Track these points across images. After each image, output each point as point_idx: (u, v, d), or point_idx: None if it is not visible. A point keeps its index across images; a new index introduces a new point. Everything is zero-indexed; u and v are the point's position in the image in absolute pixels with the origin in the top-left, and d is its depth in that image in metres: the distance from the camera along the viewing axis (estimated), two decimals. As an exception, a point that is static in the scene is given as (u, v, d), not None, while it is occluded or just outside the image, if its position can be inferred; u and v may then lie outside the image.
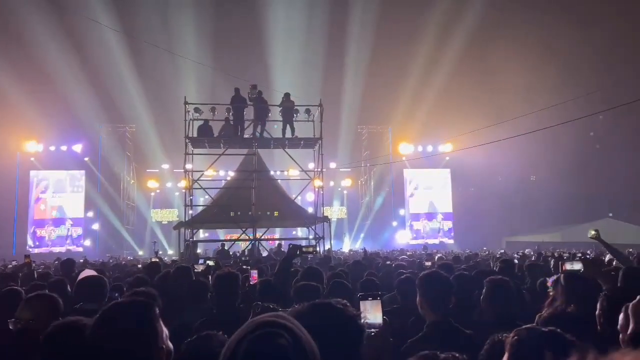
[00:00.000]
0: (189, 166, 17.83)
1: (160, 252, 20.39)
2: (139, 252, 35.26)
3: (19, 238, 33.56)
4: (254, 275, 5.92)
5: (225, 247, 18.65)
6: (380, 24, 35.68)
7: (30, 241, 34.70)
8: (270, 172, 21.14)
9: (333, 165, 35.07)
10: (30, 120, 31.90)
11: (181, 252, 17.22)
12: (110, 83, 34.51)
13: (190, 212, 17.61)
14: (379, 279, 5.86)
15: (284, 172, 24.61)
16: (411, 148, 37.91)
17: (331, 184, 37.62)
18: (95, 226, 36.58)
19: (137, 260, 20.34)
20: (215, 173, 25.89)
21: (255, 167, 18.07)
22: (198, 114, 17.35)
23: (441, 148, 37.27)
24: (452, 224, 39.47)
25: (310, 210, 20.18)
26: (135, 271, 9.59)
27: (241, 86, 17.49)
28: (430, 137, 37.72)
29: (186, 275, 5.69)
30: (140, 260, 19.98)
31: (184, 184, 18.47)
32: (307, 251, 5.17)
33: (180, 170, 18.83)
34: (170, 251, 33.80)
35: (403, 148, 37.72)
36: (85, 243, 35.52)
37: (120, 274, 9.72)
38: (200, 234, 23.01)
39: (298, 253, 5.13)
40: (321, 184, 18.32)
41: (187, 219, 17.36)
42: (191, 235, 17.22)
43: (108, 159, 36.96)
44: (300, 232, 32.72)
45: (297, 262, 9.09)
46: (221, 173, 28.80)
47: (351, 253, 23.53)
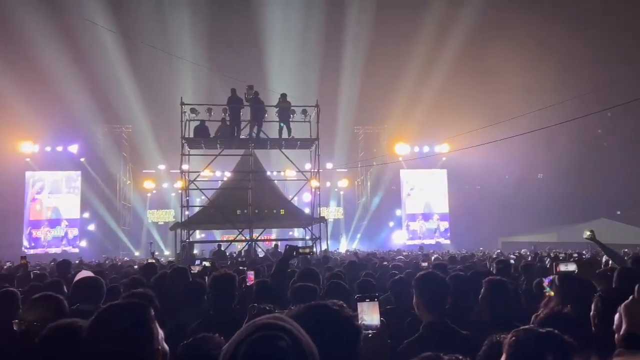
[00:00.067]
0: (185, 167, 17.77)
1: (156, 253, 20.36)
2: (135, 253, 35.20)
3: (15, 239, 33.38)
4: (251, 276, 5.91)
5: (222, 248, 18.65)
6: (377, 24, 35.81)
7: (26, 242, 34.57)
8: (267, 173, 21.10)
9: (330, 165, 35.10)
10: (26, 120, 31.78)
11: (177, 253, 17.19)
12: (107, 83, 34.48)
13: (187, 213, 17.56)
14: (375, 280, 5.87)
15: (281, 173, 24.61)
16: (408, 148, 37.91)
17: (328, 184, 37.64)
18: (91, 227, 36.46)
19: (134, 261, 20.27)
20: (212, 174, 25.87)
21: (252, 168, 18.03)
22: (194, 115, 17.31)
23: (437, 148, 37.33)
24: (449, 224, 39.53)
25: (307, 210, 20.16)
26: (131, 272, 9.57)
27: (238, 87, 17.46)
28: (427, 138, 37.75)
29: (183, 276, 5.69)
30: (137, 261, 19.93)
31: (180, 184, 18.48)
32: (304, 252, 5.16)
33: (177, 170, 18.79)
34: (166, 252, 33.78)
35: (399, 148, 37.75)
36: (81, 244, 35.38)
37: (116, 275, 9.68)
38: (197, 235, 22.96)
39: (294, 254, 5.12)
40: (318, 184, 18.31)
41: (184, 220, 17.32)
42: (187, 236, 17.16)
43: (104, 160, 36.87)
44: (296, 233, 32.71)
45: (294, 263, 9.07)
46: (218, 174, 28.81)
47: (348, 254, 23.52)
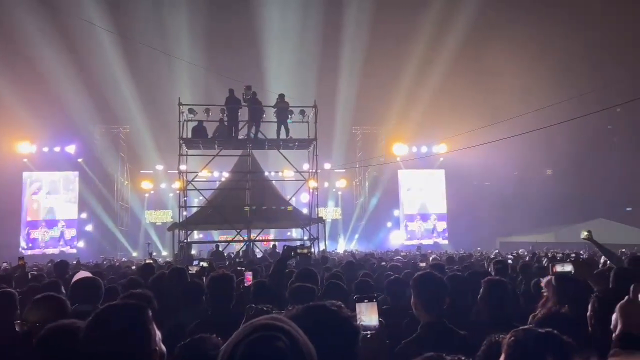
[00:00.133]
0: (183, 167, 17.77)
1: (154, 254, 20.33)
2: (133, 254, 35.14)
3: (12, 240, 33.28)
4: (249, 276, 5.91)
5: (220, 249, 18.65)
6: (375, 24, 35.73)
7: (23, 243, 34.48)
8: (265, 173, 21.12)
9: (327, 166, 35.07)
10: (23, 121, 31.70)
11: (175, 254, 17.17)
12: (104, 84, 34.40)
13: (185, 213, 17.57)
14: (373, 280, 5.88)
15: (279, 173, 24.61)
16: (405, 149, 37.91)
17: (326, 184, 37.67)
18: (88, 227, 36.38)
19: (131, 262, 20.25)
20: (210, 174, 25.90)
21: (250, 168, 18.04)
22: (192, 115, 17.32)
23: (435, 149, 37.33)
24: (447, 224, 39.56)
25: (304, 211, 20.16)
26: (129, 273, 9.55)
27: (235, 87, 17.47)
28: (425, 138, 37.76)
29: (181, 276, 5.69)
30: (135, 262, 19.91)
31: (178, 185, 18.44)
32: (302, 252, 5.16)
33: (175, 171, 18.74)
34: (164, 252, 33.74)
35: (397, 149, 37.75)
36: (79, 245, 35.30)
37: (114, 275, 9.66)
38: (195, 235, 22.93)
39: (292, 254, 5.13)
40: (316, 184, 18.32)
41: (182, 220, 17.32)
42: (185, 237, 17.16)
43: (102, 160, 36.74)
44: (294, 233, 32.70)
45: (292, 264, 9.06)
46: (215, 174, 28.81)
47: (346, 254, 23.52)
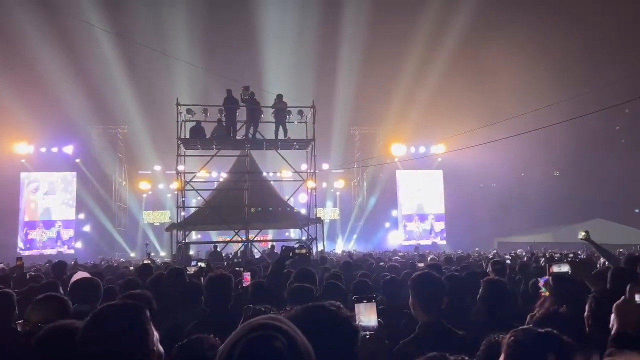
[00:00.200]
0: (181, 167, 17.75)
1: (152, 254, 20.30)
2: (130, 254, 35.06)
3: (10, 240, 33.20)
4: (247, 277, 5.90)
5: (218, 249, 18.65)
6: (373, 24, 35.77)
7: (21, 243, 34.40)
8: (263, 174, 21.11)
9: (326, 166, 35.08)
10: (21, 121, 31.61)
11: (173, 254, 17.16)
12: (102, 84, 34.40)
13: (183, 214, 17.54)
14: (371, 281, 5.88)
15: (277, 174, 24.61)
16: (403, 149, 37.90)
17: (324, 185, 37.65)
18: (86, 228, 36.30)
19: (129, 262, 20.24)
20: (208, 174, 25.85)
21: (248, 169, 18.02)
22: (190, 115, 17.28)
23: (433, 149, 37.34)
24: (445, 224, 39.57)
25: (303, 211, 20.15)
26: (127, 273, 9.54)
27: (233, 87, 17.44)
28: (423, 138, 37.77)
29: (180, 277, 5.69)
30: (133, 262, 19.89)
31: (176, 185, 18.40)
32: (300, 253, 5.15)
33: (173, 171, 18.75)
34: (162, 253, 33.67)
35: (395, 149, 37.75)
36: (77, 245, 35.21)
37: (112, 276, 9.64)
38: (193, 236, 22.91)
39: (291, 255, 5.12)
40: (314, 185, 18.30)
41: (180, 221, 17.29)
42: (183, 237, 17.13)
43: (99, 161, 36.67)
44: (293, 234, 32.69)
45: (288, 264, 9.03)
46: (213, 174, 28.78)
47: (344, 254, 23.53)
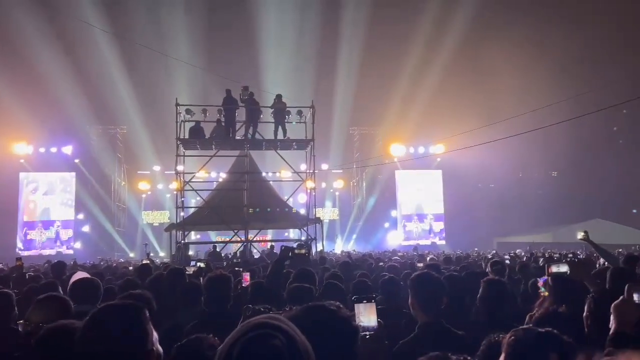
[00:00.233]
0: (180, 168, 17.74)
1: (151, 254, 20.30)
2: (130, 254, 35.03)
3: (9, 241, 33.16)
4: (246, 277, 5.90)
5: (217, 249, 18.64)
6: (372, 25, 35.77)
7: (20, 244, 34.37)
8: (262, 174, 21.10)
9: (325, 166, 35.06)
10: (20, 121, 31.57)
11: (173, 254, 17.15)
12: (101, 84, 34.35)
13: (182, 214, 17.54)
14: (371, 281, 5.87)
15: (276, 174, 24.61)
16: (403, 149, 37.91)
17: (323, 185, 37.62)
18: (85, 228, 36.28)
19: (129, 263, 20.23)
20: (207, 175, 25.81)
21: (247, 169, 18.02)
22: (189, 116, 17.27)
23: (433, 149, 37.34)
24: (444, 224, 39.58)
25: (302, 211, 20.15)
26: (126, 273, 9.53)
27: (233, 87, 17.45)
28: (422, 138, 37.76)
29: (180, 277, 5.68)
30: (132, 262, 19.87)
31: (175, 185, 18.40)
32: (300, 253, 5.14)
33: (172, 171, 18.76)
34: (161, 253, 33.64)
35: (395, 149, 37.76)
36: (76, 245, 35.19)
37: (111, 276, 9.63)
38: (192, 236, 22.90)
39: (290, 255, 5.11)
40: (313, 185, 18.31)
41: (179, 221, 17.29)
42: (183, 237, 17.13)
43: (99, 161, 36.62)
44: (292, 234, 32.68)
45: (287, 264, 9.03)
46: (213, 175, 28.76)
47: (343, 254, 23.53)
